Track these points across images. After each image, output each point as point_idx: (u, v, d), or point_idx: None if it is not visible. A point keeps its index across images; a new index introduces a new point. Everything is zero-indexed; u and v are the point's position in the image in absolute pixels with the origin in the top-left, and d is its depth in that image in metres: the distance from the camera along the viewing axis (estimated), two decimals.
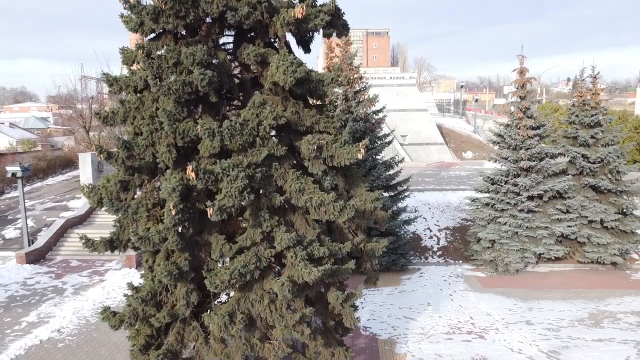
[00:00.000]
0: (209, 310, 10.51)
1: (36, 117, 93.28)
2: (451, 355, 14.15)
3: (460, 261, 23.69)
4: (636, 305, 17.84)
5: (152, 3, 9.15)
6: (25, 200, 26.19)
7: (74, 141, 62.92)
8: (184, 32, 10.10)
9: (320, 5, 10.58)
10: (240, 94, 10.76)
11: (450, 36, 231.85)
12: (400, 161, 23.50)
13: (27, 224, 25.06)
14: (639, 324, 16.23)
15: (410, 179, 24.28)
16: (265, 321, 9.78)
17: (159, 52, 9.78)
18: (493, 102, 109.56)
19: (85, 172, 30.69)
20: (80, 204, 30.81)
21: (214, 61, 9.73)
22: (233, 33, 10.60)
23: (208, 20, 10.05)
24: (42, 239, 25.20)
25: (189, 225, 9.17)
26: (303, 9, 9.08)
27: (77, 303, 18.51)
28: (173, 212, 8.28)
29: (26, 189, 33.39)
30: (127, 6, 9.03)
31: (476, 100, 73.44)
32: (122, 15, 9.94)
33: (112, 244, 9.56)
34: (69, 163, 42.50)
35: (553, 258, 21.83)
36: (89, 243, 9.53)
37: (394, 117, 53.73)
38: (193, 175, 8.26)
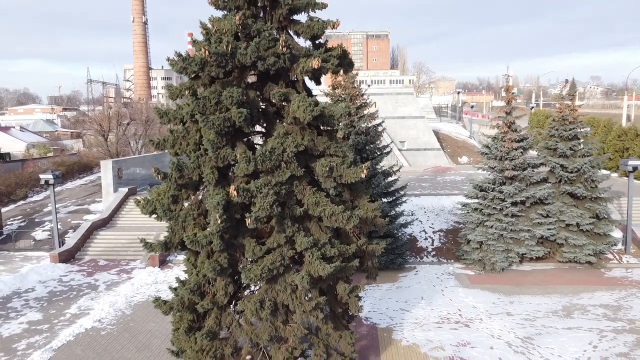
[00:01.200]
0: (236, 302, 12.94)
1: (44, 120, 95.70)
2: (440, 341, 16.55)
3: (452, 260, 26.06)
4: (605, 299, 20.24)
5: (199, 55, 11.54)
6: (50, 204, 28.49)
7: (82, 144, 65.36)
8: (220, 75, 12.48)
9: (330, 50, 13.05)
10: (263, 122, 13.15)
11: (450, 37, 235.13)
12: (398, 169, 25.86)
13: (57, 226, 27.45)
14: (605, 315, 18.63)
15: (407, 186, 26.67)
16: (287, 307, 12.18)
17: (201, 91, 12.16)
18: (492, 104, 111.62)
19: (106, 177, 33.15)
20: (101, 208, 33.23)
21: (245, 98, 12.12)
22: (258, 73, 12.98)
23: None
24: (71, 240, 27.58)
25: (228, 231, 11.55)
26: (319, 61, 11.47)
27: (111, 297, 20.91)
28: (219, 221, 10.68)
29: (48, 193, 35.67)
30: (179, 59, 11.40)
31: (472, 107, 75.83)
32: (168, 59, 12.33)
33: (166, 245, 11.94)
34: (86, 168, 44.92)
35: (535, 258, 24.25)
36: (147, 245, 11.93)
37: (393, 124, 56.38)
38: (234, 193, 10.66)
